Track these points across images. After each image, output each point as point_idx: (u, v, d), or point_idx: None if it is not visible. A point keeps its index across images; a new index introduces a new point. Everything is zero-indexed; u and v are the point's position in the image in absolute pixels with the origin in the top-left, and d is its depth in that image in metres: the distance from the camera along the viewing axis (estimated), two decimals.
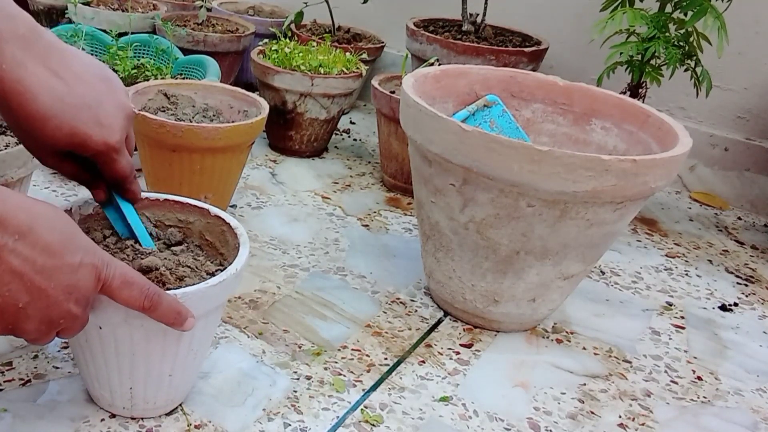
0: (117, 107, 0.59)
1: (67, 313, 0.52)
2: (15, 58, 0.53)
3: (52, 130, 0.55)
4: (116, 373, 0.61)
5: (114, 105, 0.58)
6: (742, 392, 0.84)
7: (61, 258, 0.50)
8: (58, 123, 0.55)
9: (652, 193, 0.76)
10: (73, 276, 0.51)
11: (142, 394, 0.64)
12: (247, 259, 0.64)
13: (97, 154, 0.58)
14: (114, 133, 0.58)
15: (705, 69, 1.16)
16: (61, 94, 0.55)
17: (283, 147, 1.33)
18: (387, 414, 0.72)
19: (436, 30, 1.47)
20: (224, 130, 0.94)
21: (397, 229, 1.11)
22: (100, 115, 0.57)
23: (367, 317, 0.87)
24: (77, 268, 0.51)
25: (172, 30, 1.28)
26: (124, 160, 0.61)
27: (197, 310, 0.59)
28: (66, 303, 0.51)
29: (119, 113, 0.59)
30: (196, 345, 0.64)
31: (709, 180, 1.42)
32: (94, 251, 0.53)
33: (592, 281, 1.04)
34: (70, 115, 0.55)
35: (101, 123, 0.57)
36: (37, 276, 0.49)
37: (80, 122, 0.56)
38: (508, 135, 0.93)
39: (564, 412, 0.76)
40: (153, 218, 0.71)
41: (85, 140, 0.56)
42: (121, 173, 0.61)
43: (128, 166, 0.62)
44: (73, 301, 0.51)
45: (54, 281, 0.50)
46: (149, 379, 0.62)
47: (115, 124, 0.58)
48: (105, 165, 0.60)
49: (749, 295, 1.07)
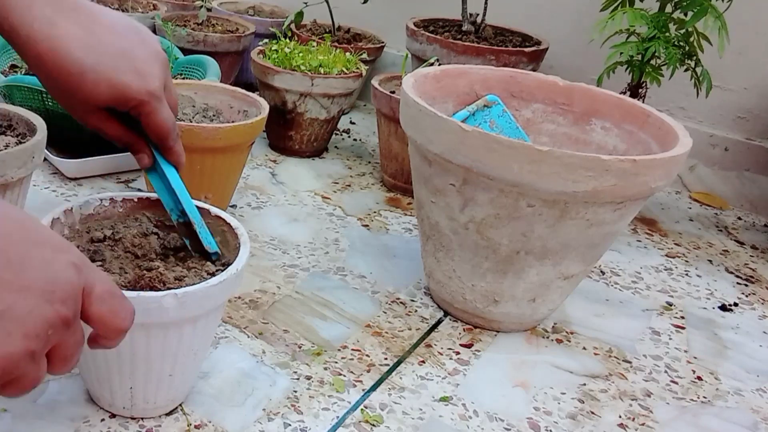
0: (151, 55, 0.58)
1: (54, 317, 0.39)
2: (45, 17, 0.53)
3: (91, 84, 0.54)
4: (117, 372, 0.61)
5: (148, 53, 0.57)
6: (742, 392, 0.84)
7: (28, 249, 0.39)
8: (95, 76, 0.54)
9: (652, 193, 0.76)
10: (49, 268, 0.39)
11: (142, 394, 0.64)
12: (247, 259, 0.64)
13: (138, 105, 0.57)
14: (154, 79, 0.57)
15: (705, 69, 1.16)
16: (95, 47, 0.54)
17: (283, 147, 1.33)
18: (387, 414, 0.72)
19: (436, 30, 1.47)
20: (224, 130, 0.94)
21: (397, 229, 1.11)
22: (137, 63, 0.56)
23: (367, 317, 0.87)
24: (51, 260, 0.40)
25: (172, 30, 1.28)
26: (166, 111, 0.59)
27: (197, 310, 0.60)
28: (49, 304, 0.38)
29: (155, 61, 0.58)
30: (197, 345, 0.63)
31: (709, 180, 1.42)
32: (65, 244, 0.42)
33: (592, 281, 1.04)
34: (106, 66, 0.54)
35: (138, 71, 0.56)
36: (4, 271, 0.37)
37: (118, 72, 0.55)
38: (508, 135, 0.93)
39: (564, 412, 0.76)
40: (154, 218, 0.71)
41: (124, 90, 0.55)
42: (163, 126, 0.59)
43: (170, 120, 0.60)
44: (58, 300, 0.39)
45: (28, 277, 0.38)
46: (149, 379, 0.62)
47: (153, 71, 0.57)
48: (147, 117, 0.58)
49: (749, 295, 1.07)
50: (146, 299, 0.57)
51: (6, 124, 0.86)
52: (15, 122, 0.86)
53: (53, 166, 1.12)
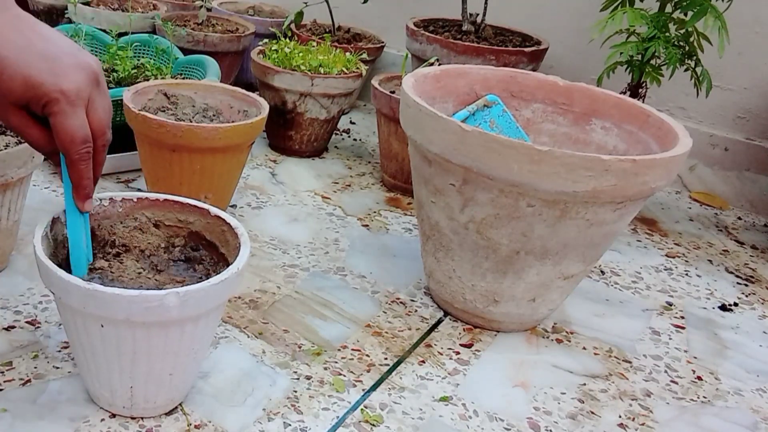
0: (78, 64, 0.57)
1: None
2: None
3: (7, 77, 0.54)
4: (117, 372, 0.62)
5: (75, 61, 0.57)
6: (742, 392, 0.84)
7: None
8: (12, 71, 0.54)
9: (652, 193, 0.76)
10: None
11: (142, 393, 0.64)
12: (248, 259, 0.64)
13: (47, 103, 0.56)
14: (69, 82, 0.56)
15: (705, 69, 1.16)
16: (23, 48, 0.55)
17: (283, 147, 1.33)
18: (387, 414, 0.72)
19: (436, 30, 1.47)
20: (224, 130, 0.94)
21: (397, 229, 1.11)
22: (56, 65, 0.56)
23: (367, 317, 0.87)
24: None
25: (172, 30, 1.28)
26: (77, 120, 0.57)
27: (198, 309, 0.60)
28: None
29: (78, 69, 0.57)
30: (197, 344, 0.64)
31: (709, 180, 1.42)
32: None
33: (592, 281, 1.04)
34: (24, 63, 0.55)
35: (55, 72, 0.56)
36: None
37: (35, 69, 0.55)
38: (508, 135, 0.93)
39: (564, 412, 0.76)
40: (153, 218, 0.71)
41: (36, 87, 0.55)
42: (69, 133, 0.56)
43: (81, 131, 0.57)
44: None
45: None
46: (150, 378, 0.62)
47: (72, 76, 0.56)
48: (55, 117, 0.56)
49: (749, 295, 1.07)
50: (148, 297, 0.57)
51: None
52: None
53: (53, 166, 1.12)
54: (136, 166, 1.14)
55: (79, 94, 0.57)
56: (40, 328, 0.76)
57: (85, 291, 0.56)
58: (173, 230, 0.71)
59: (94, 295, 0.56)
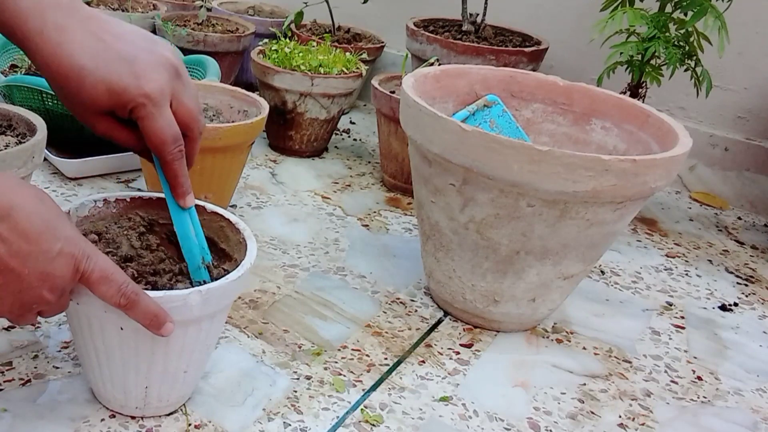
0: (157, 61, 0.56)
1: (39, 299, 0.53)
2: (56, 24, 0.54)
3: (90, 86, 0.54)
4: (133, 373, 0.61)
5: (153, 59, 0.56)
6: (742, 392, 0.84)
7: (38, 245, 0.51)
8: (93, 79, 0.54)
9: (652, 193, 0.76)
10: (49, 264, 0.51)
11: (156, 393, 0.64)
12: (256, 253, 0.64)
13: (134, 108, 0.55)
14: (152, 83, 0.55)
15: (705, 69, 1.16)
16: (98, 51, 0.54)
17: (283, 147, 1.33)
18: (387, 414, 0.72)
19: (436, 30, 1.47)
20: (224, 130, 0.94)
21: (397, 229, 1.11)
22: (136, 67, 0.55)
23: (367, 317, 0.87)
24: (54, 257, 0.52)
25: (172, 30, 1.28)
26: (165, 119, 0.57)
27: (217, 306, 0.60)
28: (39, 289, 0.52)
29: (158, 66, 0.56)
30: (212, 340, 0.65)
31: (709, 180, 1.42)
32: (77, 242, 0.53)
33: (592, 281, 1.04)
34: (106, 69, 0.54)
35: (136, 74, 0.55)
36: (12, 259, 0.50)
37: (115, 75, 0.54)
38: (508, 135, 0.93)
39: (564, 412, 0.76)
40: (147, 217, 0.71)
41: (120, 93, 0.55)
42: (159, 134, 0.56)
43: (171, 129, 0.57)
44: (47, 288, 0.52)
45: (29, 266, 0.50)
46: (165, 378, 0.63)
47: (154, 75, 0.56)
48: (143, 121, 0.56)
49: (749, 295, 1.07)
50: (172, 298, 0.57)
51: (6, 124, 0.86)
52: (15, 122, 0.86)
53: (53, 166, 1.12)
54: (136, 166, 1.14)
55: (163, 94, 0.56)
56: (40, 328, 0.76)
57: None
58: (168, 228, 0.71)
59: None
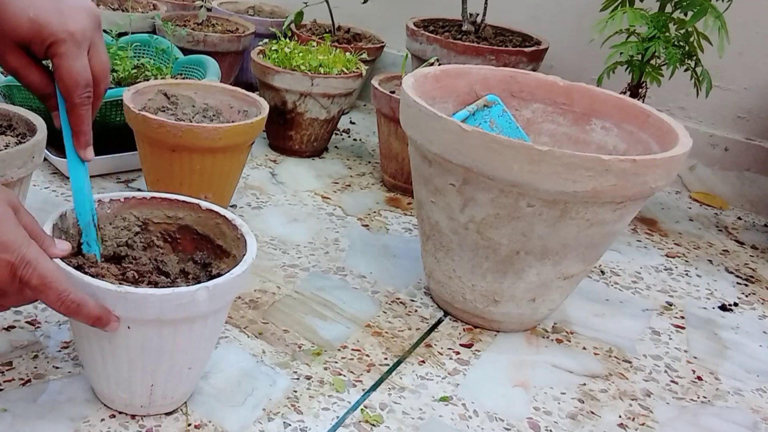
0: (82, 6, 0.57)
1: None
2: None
3: (12, 14, 0.54)
4: (139, 372, 0.61)
5: (79, 4, 0.57)
6: (742, 392, 0.84)
7: None
8: (17, 8, 0.54)
9: (652, 193, 0.76)
10: None
11: (161, 390, 0.64)
12: (257, 248, 0.65)
13: (53, 43, 0.55)
14: (75, 23, 0.56)
15: (705, 69, 1.16)
16: None
17: (283, 147, 1.33)
18: (387, 414, 0.72)
19: (436, 30, 1.47)
20: (224, 130, 0.94)
21: (397, 229, 1.11)
22: (63, 5, 0.56)
23: (367, 317, 0.87)
24: None
25: (172, 30, 1.28)
26: (80, 62, 0.57)
27: (223, 301, 0.61)
28: None
29: (83, 12, 0.57)
30: (215, 334, 0.65)
31: (709, 180, 1.42)
32: (16, 248, 0.52)
33: (592, 281, 1.04)
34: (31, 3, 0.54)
35: (62, 12, 0.56)
36: None
37: (40, 8, 0.55)
38: (508, 135, 0.93)
39: (564, 412, 0.76)
40: (141, 217, 0.71)
41: (42, 26, 0.55)
42: (73, 75, 0.56)
43: (83, 74, 0.57)
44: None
45: None
46: (171, 375, 0.63)
47: (78, 17, 0.56)
48: (59, 59, 0.56)
49: (749, 295, 1.07)
50: (180, 295, 0.57)
51: (6, 124, 0.86)
52: (15, 122, 0.86)
53: (53, 166, 1.12)
54: (136, 166, 1.14)
55: (84, 36, 0.57)
56: (40, 328, 0.76)
57: (116, 294, 0.56)
58: (162, 227, 0.71)
59: (126, 297, 0.56)
